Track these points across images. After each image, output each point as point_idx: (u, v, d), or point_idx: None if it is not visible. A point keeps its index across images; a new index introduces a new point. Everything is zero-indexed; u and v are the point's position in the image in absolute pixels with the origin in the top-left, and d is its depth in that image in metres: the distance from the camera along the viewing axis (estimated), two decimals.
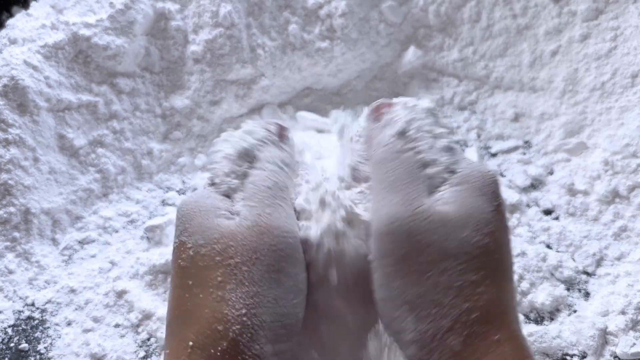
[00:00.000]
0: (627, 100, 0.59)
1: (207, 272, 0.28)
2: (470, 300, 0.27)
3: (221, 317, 0.27)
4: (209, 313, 0.27)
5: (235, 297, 0.27)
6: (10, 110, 0.54)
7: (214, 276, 0.28)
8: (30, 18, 0.62)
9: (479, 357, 0.26)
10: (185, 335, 0.27)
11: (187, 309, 0.28)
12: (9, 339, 0.48)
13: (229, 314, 0.27)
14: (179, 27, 0.63)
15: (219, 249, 0.28)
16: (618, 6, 0.62)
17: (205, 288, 0.28)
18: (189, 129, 0.63)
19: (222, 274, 0.28)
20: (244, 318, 0.27)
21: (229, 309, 0.27)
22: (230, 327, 0.26)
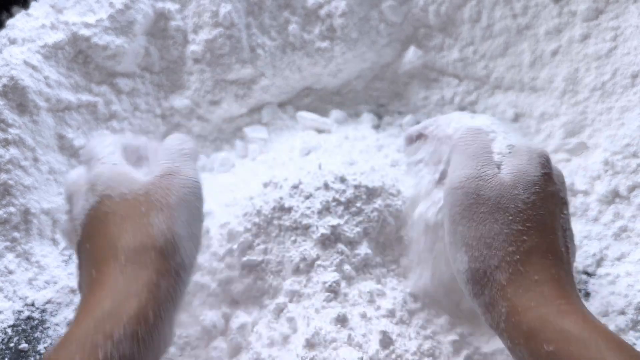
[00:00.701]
0: (627, 100, 0.59)
1: (132, 209, 0.35)
2: (514, 245, 0.34)
3: (148, 235, 0.34)
4: (138, 235, 0.34)
5: (157, 221, 0.34)
6: (10, 110, 0.54)
7: (139, 210, 0.35)
8: (30, 18, 0.62)
9: (522, 292, 0.33)
10: (118, 256, 0.33)
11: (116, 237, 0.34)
12: (8, 339, 0.48)
13: (154, 232, 0.34)
14: (178, 27, 0.63)
15: (141, 193, 0.36)
16: (618, 6, 0.62)
17: (132, 219, 0.35)
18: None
19: (145, 207, 0.35)
20: (166, 234, 0.34)
21: (154, 229, 0.34)
22: (156, 241, 0.34)
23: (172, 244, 0.34)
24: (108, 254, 0.34)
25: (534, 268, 0.34)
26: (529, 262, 0.34)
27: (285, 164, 0.57)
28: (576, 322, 0.32)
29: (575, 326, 0.31)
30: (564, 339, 0.31)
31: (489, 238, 0.35)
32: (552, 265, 0.35)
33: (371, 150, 0.59)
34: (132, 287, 0.31)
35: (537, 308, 0.32)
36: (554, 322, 0.32)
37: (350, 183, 0.51)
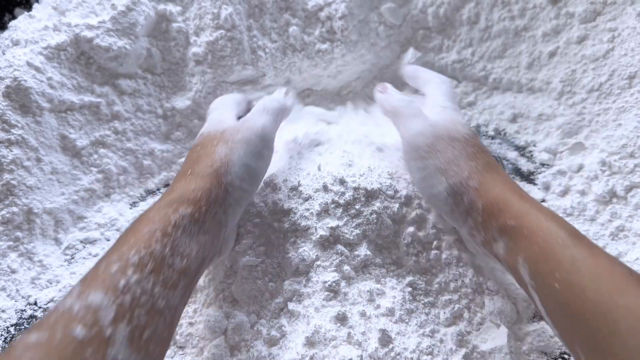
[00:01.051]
0: (624, 102, 0.59)
1: (209, 140, 0.47)
2: (474, 160, 0.46)
3: (212, 158, 0.45)
4: (205, 157, 0.46)
5: (220, 150, 0.46)
6: (13, 111, 0.54)
7: (213, 143, 0.47)
8: (33, 20, 0.62)
9: (490, 188, 0.43)
10: (188, 169, 0.45)
11: (193, 160, 0.46)
12: (11, 337, 0.49)
13: (216, 157, 0.45)
14: (180, 29, 0.63)
15: (220, 130, 0.48)
16: (615, 8, 0.62)
17: (206, 147, 0.47)
18: (190, 129, 0.64)
19: (217, 140, 0.47)
20: (223, 159, 0.45)
21: (216, 154, 0.46)
22: (214, 163, 0.45)
23: (226, 166, 0.45)
24: (186, 168, 0.46)
25: (494, 173, 0.45)
26: (489, 170, 0.45)
27: (284, 163, 0.57)
28: (530, 203, 0.42)
29: (529, 206, 0.41)
30: (521, 214, 0.41)
31: (455, 159, 0.45)
32: (503, 172, 0.46)
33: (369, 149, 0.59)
34: (192, 186, 0.43)
35: (503, 196, 0.43)
36: (516, 205, 0.41)
37: (349, 185, 0.51)
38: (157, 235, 0.38)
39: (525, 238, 0.39)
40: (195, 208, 0.42)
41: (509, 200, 0.42)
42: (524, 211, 0.41)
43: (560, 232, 0.38)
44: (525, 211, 0.41)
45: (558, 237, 0.38)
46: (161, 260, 0.37)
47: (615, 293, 0.34)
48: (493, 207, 0.42)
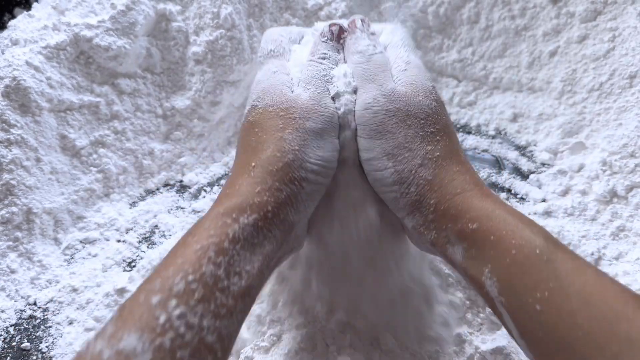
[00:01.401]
0: (625, 101, 0.59)
1: (272, 121, 0.39)
2: (431, 144, 0.38)
3: (280, 148, 0.37)
4: (271, 146, 0.37)
5: (291, 138, 0.38)
6: (12, 110, 0.54)
7: (277, 124, 0.38)
8: (32, 19, 0.62)
9: (446, 183, 0.37)
10: (249, 161, 0.37)
11: (253, 146, 0.38)
12: (11, 338, 0.48)
13: (286, 147, 0.37)
14: (180, 28, 0.63)
15: (283, 108, 0.39)
16: (616, 7, 0.62)
17: (269, 132, 0.38)
18: (190, 129, 0.64)
19: (283, 123, 0.38)
20: (296, 152, 0.37)
21: (286, 144, 0.37)
22: (285, 155, 0.37)
23: (299, 160, 0.37)
24: (244, 160, 0.38)
25: (453, 161, 0.38)
26: (448, 158, 0.38)
27: None
28: (495, 203, 0.36)
29: (495, 206, 0.35)
30: (485, 216, 0.34)
31: (407, 142, 0.38)
32: (465, 160, 0.39)
33: None
34: (257, 187, 0.36)
35: (462, 193, 0.36)
36: (477, 204, 0.35)
37: None
38: (209, 254, 0.32)
39: (493, 246, 0.33)
40: (261, 215, 0.35)
41: (470, 198, 0.36)
42: (489, 212, 0.35)
43: (537, 240, 0.32)
44: (490, 212, 0.35)
45: (535, 246, 0.32)
46: (214, 284, 0.31)
47: (613, 320, 0.28)
48: (449, 206, 0.36)
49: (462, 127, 0.65)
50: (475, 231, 0.34)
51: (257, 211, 0.35)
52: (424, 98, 0.39)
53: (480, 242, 0.34)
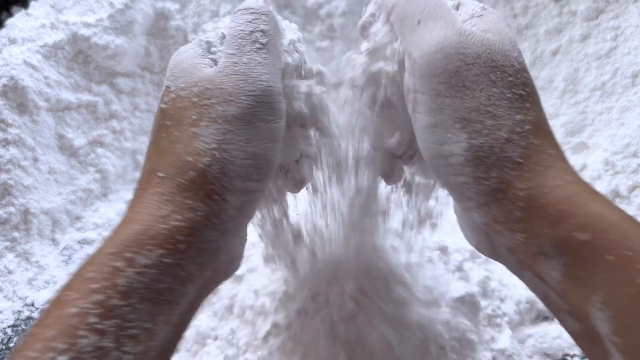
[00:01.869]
0: (627, 100, 0.59)
1: (184, 111, 0.29)
2: (521, 113, 0.27)
3: (192, 150, 0.28)
4: (181, 147, 0.28)
5: (207, 133, 0.28)
6: (10, 110, 0.54)
7: (190, 115, 0.29)
8: (30, 18, 0.62)
9: (542, 170, 0.27)
10: (156, 169, 0.28)
11: (162, 146, 0.29)
12: (8, 339, 0.48)
13: (200, 147, 0.28)
14: (178, 27, 0.63)
15: (196, 91, 0.29)
16: (618, 6, 0.62)
17: (181, 126, 0.29)
18: None
19: (197, 113, 0.29)
20: (214, 152, 0.28)
21: (200, 143, 0.28)
22: (200, 159, 0.27)
23: (218, 164, 0.28)
24: (151, 165, 0.29)
25: (547, 141, 0.28)
26: (540, 134, 0.28)
27: None
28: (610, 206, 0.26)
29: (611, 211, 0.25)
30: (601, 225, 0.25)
31: (490, 106, 0.27)
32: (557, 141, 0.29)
33: None
34: (163, 209, 0.27)
35: (564, 187, 0.26)
36: (588, 205, 0.26)
37: None
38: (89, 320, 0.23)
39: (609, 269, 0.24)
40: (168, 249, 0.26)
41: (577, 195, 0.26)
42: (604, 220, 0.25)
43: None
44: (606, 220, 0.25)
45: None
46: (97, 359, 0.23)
47: None
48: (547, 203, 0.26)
49: None
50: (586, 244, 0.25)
51: (161, 244, 0.26)
52: (511, 48, 0.29)
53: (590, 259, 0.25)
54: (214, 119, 0.28)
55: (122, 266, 0.25)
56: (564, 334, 0.46)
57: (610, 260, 0.24)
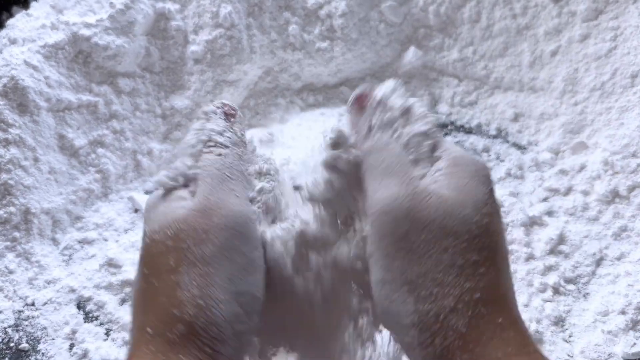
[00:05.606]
0: (626, 100, 0.59)
1: (160, 258, 0.28)
2: (471, 280, 0.27)
3: (176, 301, 0.27)
4: (165, 299, 0.27)
5: (187, 280, 0.27)
6: (11, 110, 0.54)
7: (167, 261, 0.28)
8: (31, 18, 0.62)
9: (485, 340, 0.26)
10: (145, 324, 0.27)
11: (145, 298, 0.28)
12: (9, 338, 0.48)
13: (183, 297, 0.27)
14: (179, 27, 0.63)
15: (170, 234, 0.28)
16: (618, 6, 0.62)
17: (160, 274, 0.28)
18: (189, 128, 0.63)
19: (174, 258, 0.28)
20: (198, 300, 0.27)
21: (183, 292, 0.27)
22: (185, 310, 0.26)
23: (205, 313, 0.26)
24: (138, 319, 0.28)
25: (496, 308, 0.27)
26: (490, 301, 0.27)
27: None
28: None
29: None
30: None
31: (438, 272, 0.27)
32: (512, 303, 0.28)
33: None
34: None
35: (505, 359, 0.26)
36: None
37: None
38: None
39: None
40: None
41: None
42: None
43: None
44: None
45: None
46: None
47: None
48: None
49: (463, 127, 0.65)
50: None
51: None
52: (473, 211, 0.28)
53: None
54: (193, 262, 0.27)
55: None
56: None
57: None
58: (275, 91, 0.67)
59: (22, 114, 0.55)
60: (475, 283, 0.27)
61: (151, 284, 0.28)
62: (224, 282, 0.27)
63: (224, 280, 0.27)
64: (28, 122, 0.55)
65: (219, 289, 0.27)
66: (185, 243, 0.28)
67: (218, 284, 0.27)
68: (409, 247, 0.27)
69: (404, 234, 0.27)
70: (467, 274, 0.27)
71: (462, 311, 0.26)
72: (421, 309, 0.27)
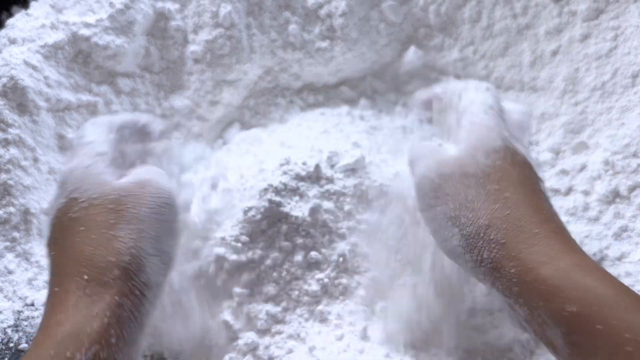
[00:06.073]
0: (627, 100, 0.59)
1: (99, 217, 0.33)
2: (498, 202, 0.33)
3: (113, 250, 0.32)
4: (102, 249, 0.32)
5: (124, 234, 0.33)
6: (10, 110, 0.54)
7: (106, 219, 0.33)
8: (30, 18, 0.62)
9: (526, 247, 0.31)
10: (80, 271, 0.32)
11: (79, 250, 0.33)
12: (8, 339, 0.48)
13: (120, 247, 0.32)
14: (178, 27, 0.63)
15: (111, 199, 0.34)
16: (619, 6, 0.62)
17: (98, 230, 0.33)
18: (189, 129, 0.64)
19: (113, 217, 0.33)
20: (132, 250, 0.32)
21: (120, 243, 0.32)
22: (121, 258, 0.32)
23: (137, 261, 0.32)
24: (71, 268, 0.32)
25: (530, 221, 0.32)
26: (523, 216, 0.32)
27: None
28: (597, 278, 0.29)
29: (596, 282, 0.29)
30: (587, 297, 0.28)
31: (469, 202, 0.34)
32: (548, 218, 0.33)
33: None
34: (94, 308, 0.30)
35: (549, 263, 0.30)
36: (573, 279, 0.29)
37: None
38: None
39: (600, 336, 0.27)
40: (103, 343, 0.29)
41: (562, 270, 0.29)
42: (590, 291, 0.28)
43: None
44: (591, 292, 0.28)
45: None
46: None
47: None
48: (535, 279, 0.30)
49: None
50: (576, 315, 0.28)
51: (97, 340, 0.29)
52: (484, 157, 0.35)
53: (584, 329, 0.28)
54: (129, 220, 0.33)
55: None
56: None
57: (599, 329, 0.27)
58: (275, 91, 0.67)
59: (22, 113, 0.55)
60: (503, 204, 0.33)
61: (87, 237, 0.33)
62: (152, 239, 0.33)
63: (153, 237, 0.33)
64: (27, 122, 0.55)
65: (148, 244, 0.33)
66: (124, 206, 0.33)
67: (148, 240, 0.33)
68: (443, 195, 0.35)
69: (437, 187, 0.36)
70: (493, 199, 0.33)
71: (497, 225, 0.32)
72: (465, 233, 0.33)
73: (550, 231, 0.32)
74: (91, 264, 0.32)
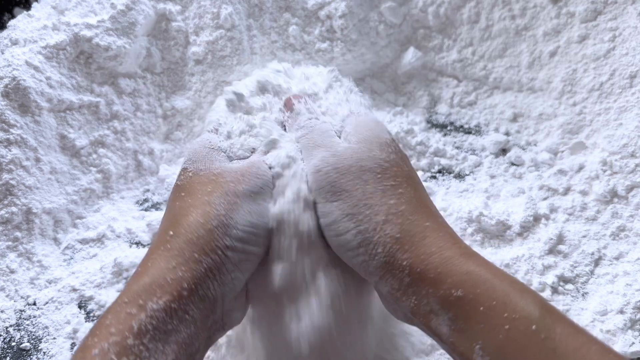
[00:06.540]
0: (625, 101, 0.59)
1: (200, 185, 0.36)
2: (394, 198, 0.34)
3: (204, 213, 0.34)
4: (194, 212, 0.34)
5: (218, 202, 0.35)
6: (12, 110, 0.54)
7: (205, 188, 0.36)
8: (32, 19, 0.62)
9: (418, 240, 0.33)
10: (168, 229, 0.34)
11: (175, 212, 0.35)
12: (10, 338, 0.48)
13: (211, 212, 0.34)
14: (180, 28, 0.63)
15: (215, 172, 0.37)
16: (616, 7, 0.62)
17: (195, 195, 0.35)
18: (190, 129, 0.64)
19: (212, 187, 0.35)
20: (222, 217, 0.34)
21: (212, 209, 0.34)
22: (209, 221, 0.34)
23: (225, 228, 0.34)
24: (162, 227, 0.35)
25: (422, 216, 0.34)
26: (416, 211, 0.34)
27: None
28: (479, 264, 0.31)
29: (479, 268, 0.31)
30: (471, 281, 0.30)
31: (367, 199, 0.34)
32: (435, 214, 0.35)
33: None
34: (172, 261, 0.32)
35: (439, 253, 0.32)
36: (459, 266, 0.31)
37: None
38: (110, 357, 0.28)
39: (482, 319, 0.29)
40: (175, 295, 0.31)
41: (449, 258, 0.32)
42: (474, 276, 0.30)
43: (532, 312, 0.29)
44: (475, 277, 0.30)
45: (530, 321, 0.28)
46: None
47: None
48: (426, 268, 0.32)
49: (462, 127, 0.65)
50: (461, 299, 0.30)
51: (169, 291, 0.31)
52: (379, 151, 0.36)
53: (467, 312, 0.30)
54: (226, 192, 0.35)
55: (135, 312, 0.30)
56: None
57: (482, 311, 0.29)
58: None
59: (24, 114, 0.55)
60: (398, 199, 0.34)
61: (184, 201, 0.35)
62: (245, 213, 0.35)
63: (245, 212, 0.35)
64: (29, 122, 0.55)
65: (241, 217, 0.35)
66: (225, 179, 0.36)
67: (240, 214, 0.35)
68: (340, 190, 0.35)
69: (334, 181, 0.36)
70: (389, 194, 0.35)
71: (393, 221, 0.34)
72: (361, 229, 0.34)
73: (438, 224, 0.34)
74: (178, 223, 0.34)
